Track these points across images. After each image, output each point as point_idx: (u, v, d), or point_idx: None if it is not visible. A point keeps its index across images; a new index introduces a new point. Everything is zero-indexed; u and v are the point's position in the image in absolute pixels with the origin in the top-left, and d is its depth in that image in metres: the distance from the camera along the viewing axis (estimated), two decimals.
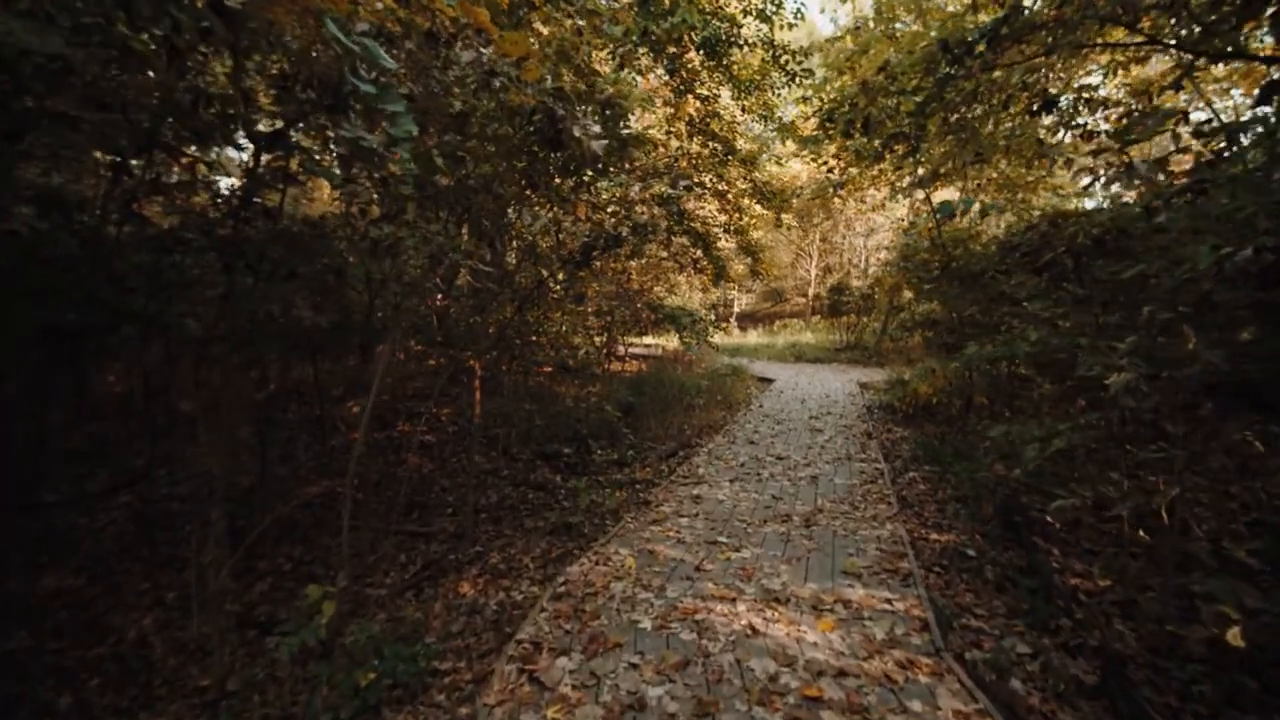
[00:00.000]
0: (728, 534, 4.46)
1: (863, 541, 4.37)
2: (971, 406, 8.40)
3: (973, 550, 4.86)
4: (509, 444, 8.52)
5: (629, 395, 10.20)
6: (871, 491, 5.54)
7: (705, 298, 20.65)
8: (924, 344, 15.25)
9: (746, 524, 4.67)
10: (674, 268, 13.09)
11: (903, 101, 5.90)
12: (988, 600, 4.21)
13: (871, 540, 4.40)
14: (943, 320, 8.08)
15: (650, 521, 4.77)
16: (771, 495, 5.38)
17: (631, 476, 7.40)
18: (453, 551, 5.68)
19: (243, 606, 5.00)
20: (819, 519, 4.79)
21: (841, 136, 6.82)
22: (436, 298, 8.85)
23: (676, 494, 5.51)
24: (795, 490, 5.53)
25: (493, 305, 7.35)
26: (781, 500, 5.26)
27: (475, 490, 6.93)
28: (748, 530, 4.54)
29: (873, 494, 5.48)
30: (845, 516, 4.86)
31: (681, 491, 5.59)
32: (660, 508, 5.09)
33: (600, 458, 8.22)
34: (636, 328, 14.92)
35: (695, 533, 4.50)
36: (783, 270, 26.69)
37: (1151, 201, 2.96)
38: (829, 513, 4.94)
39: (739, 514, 4.91)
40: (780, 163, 14.34)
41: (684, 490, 5.61)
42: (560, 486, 7.29)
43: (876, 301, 17.47)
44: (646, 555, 4.10)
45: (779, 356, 18.29)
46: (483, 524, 6.31)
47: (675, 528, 4.62)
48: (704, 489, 5.61)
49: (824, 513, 4.94)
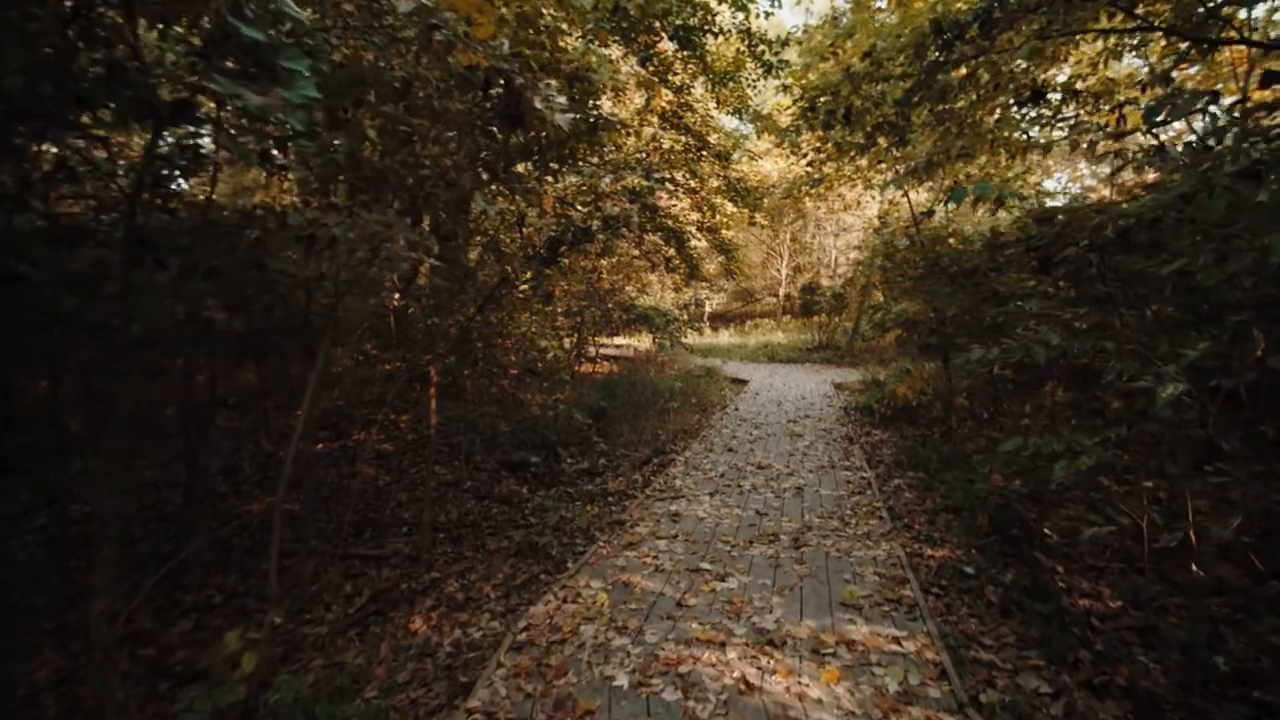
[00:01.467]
0: (711, 558, 3.98)
1: (858, 564, 3.94)
2: (953, 409, 8.10)
3: (971, 568, 4.48)
4: (473, 453, 7.92)
5: (600, 399, 9.69)
6: (861, 504, 5.13)
7: (677, 297, 20.22)
8: (899, 345, 15.08)
9: (731, 546, 4.20)
10: (646, 266, 12.61)
11: (889, 89, 5.51)
12: (994, 627, 3.80)
13: (868, 563, 3.97)
14: (923, 320, 7.74)
15: (625, 545, 4.26)
16: (755, 510, 4.93)
17: (604, 488, 6.90)
18: (406, 578, 5.09)
19: (158, 650, 4.33)
20: (809, 538, 4.35)
21: (822, 128, 6.41)
22: (394, 297, 8.21)
23: (653, 510, 5.02)
24: (780, 504, 5.09)
25: (452, 306, 6.77)
26: (766, 516, 4.81)
27: (433, 506, 6.34)
28: (732, 553, 4.07)
29: (862, 507, 5.07)
30: (836, 534, 4.44)
31: (658, 507, 5.10)
32: (635, 528, 4.59)
33: (570, 467, 7.69)
34: (608, 328, 14.42)
35: (675, 558, 4.01)
36: (753, 270, 26.43)
37: (1193, 189, 2.58)
38: (819, 530, 4.51)
39: (722, 534, 4.44)
40: (755, 158, 13.97)
41: (661, 506, 5.12)
42: (527, 500, 6.74)
43: (848, 301, 17.26)
44: (621, 588, 3.59)
45: (751, 357, 17.96)
46: (441, 544, 5.72)
47: (653, 552, 4.12)
48: (682, 504, 5.13)
49: (813, 530, 4.50)
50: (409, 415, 8.76)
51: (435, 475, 7.50)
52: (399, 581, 5.06)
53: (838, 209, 18.75)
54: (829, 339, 18.21)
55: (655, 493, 5.55)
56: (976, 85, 6.03)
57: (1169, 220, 2.80)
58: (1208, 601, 3.65)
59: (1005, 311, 4.86)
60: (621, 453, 8.23)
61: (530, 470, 7.58)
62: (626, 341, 17.86)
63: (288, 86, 1.90)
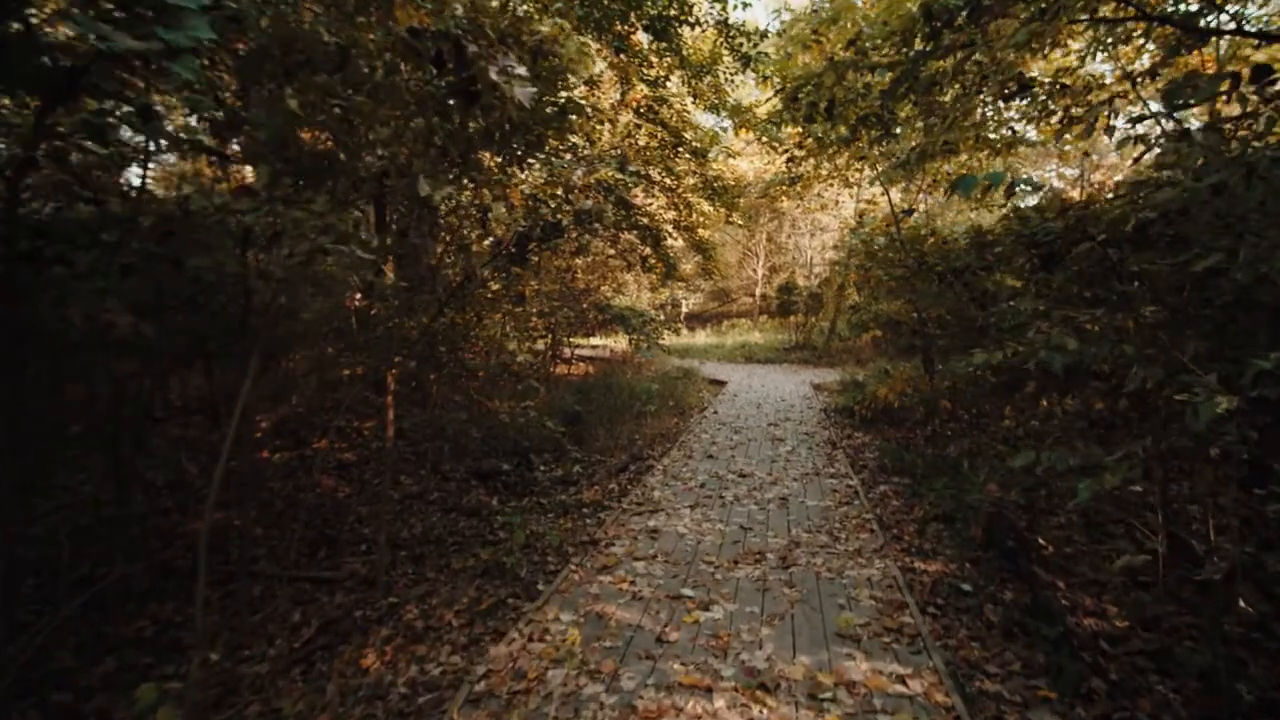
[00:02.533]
0: (693, 582, 3.62)
1: (852, 586, 3.62)
2: (936, 412, 7.87)
3: (968, 585, 4.19)
4: (440, 461, 7.44)
5: (575, 403, 9.28)
6: (849, 516, 4.82)
7: (654, 298, 19.88)
8: (876, 345, 14.93)
9: (714, 567, 3.84)
10: (622, 266, 12.23)
11: (874, 79, 5.22)
12: (997, 652, 3.50)
13: (862, 584, 3.65)
14: (905, 321, 7.50)
15: (599, 568, 3.87)
16: (739, 525, 4.58)
17: (578, 498, 6.50)
18: (361, 604, 4.63)
19: (75, 695, 3.83)
20: (797, 556, 4.01)
21: (804, 121, 6.10)
22: (355, 296, 7.70)
23: (629, 526, 4.64)
24: (765, 517, 4.76)
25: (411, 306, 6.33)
26: (751, 531, 4.47)
27: (395, 521, 5.89)
28: (716, 576, 3.71)
29: (851, 519, 4.76)
30: (826, 551, 4.11)
31: (635, 523, 4.72)
32: (611, 548, 4.20)
33: (543, 475, 7.27)
34: (583, 329, 14.01)
35: (654, 582, 3.64)
36: (729, 270, 26.22)
37: (1224, 176, 2.29)
38: (807, 547, 4.18)
39: (704, 553, 4.08)
40: (732, 155, 13.68)
41: (638, 521, 4.74)
42: (496, 511, 6.31)
43: (825, 301, 17.10)
44: (595, 621, 3.21)
45: (729, 357, 17.69)
46: (401, 564, 5.27)
47: (629, 576, 3.74)
48: (661, 519, 4.76)
49: (801, 547, 4.17)
50: (373, 422, 8.25)
51: (399, 486, 7.03)
52: (353, 608, 4.60)
53: (814, 208, 18.59)
54: (806, 339, 18.04)
55: (632, 505, 5.18)
56: (963, 77, 5.78)
57: (1198, 212, 2.52)
58: (1222, 621, 3.40)
59: (998, 312, 4.59)
60: (597, 459, 7.85)
61: (501, 479, 7.14)
62: (603, 342, 17.47)
63: (173, 26, 1.49)
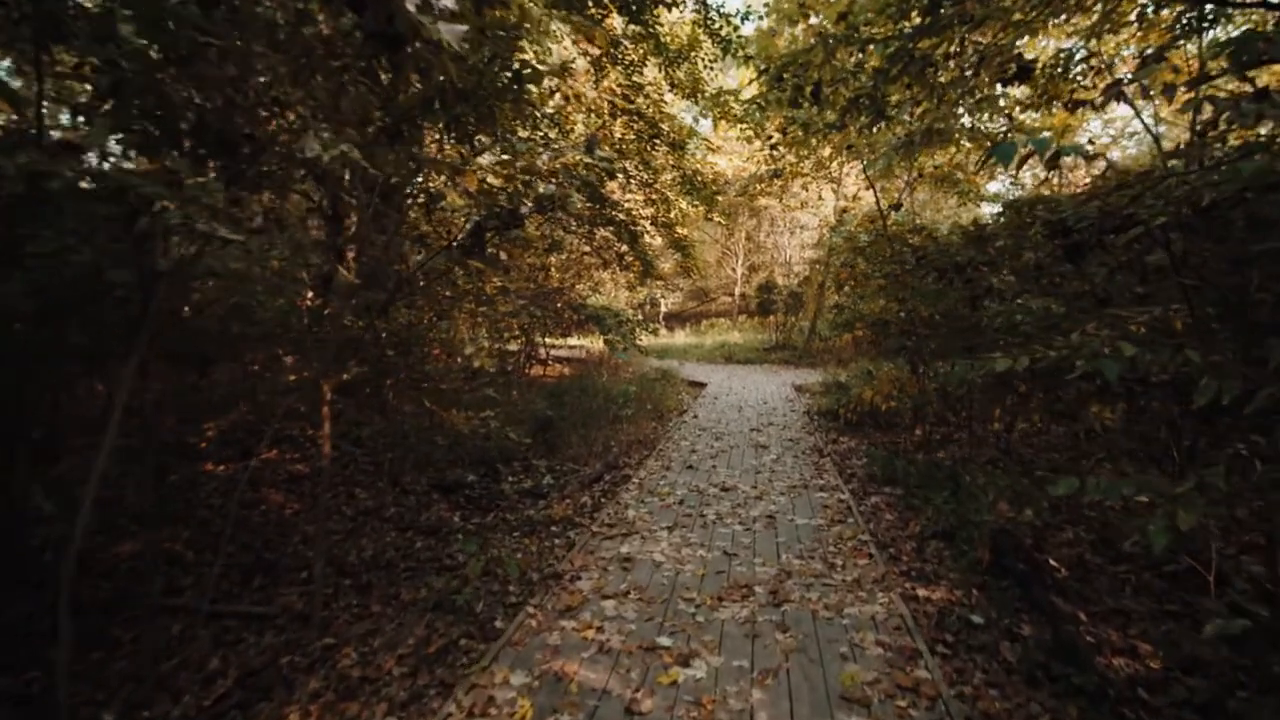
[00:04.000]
0: (671, 627, 3.06)
1: (854, 628, 3.09)
2: (925, 416, 7.43)
3: (979, 616, 3.69)
4: (401, 472, 6.78)
5: (547, 407, 8.67)
6: (844, 537, 4.30)
7: (632, 297, 19.30)
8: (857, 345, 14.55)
9: (695, 606, 3.29)
10: (598, 263, 11.63)
11: (868, 55, 4.72)
12: (1021, 702, 2.99)
13: (865, 624, 3.12)
14: (893, 320, 7.04)
15: (562, 610, 3.28)
16: (722, 550, 4.03)
17: (547, 513, 5.92)
18: (292, 647, 3.97)
19: None
20: (789, 589, 3.48)
21: (789, 105, 5.58)
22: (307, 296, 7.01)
23: (600, 554, 4.06)
24: (751, 540, 4.22)
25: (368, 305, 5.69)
26: (736, 558, 3.92)
27: (332, 549, 5.23)
28: (698, 618, 3.16)
29: (846, 540, 4.24)
30: (822, 583, 3.58)
31: (607, 549, 4.14)
32: (577, 582, 3.62)
33: (511, 487, 6.65)
34: (559, 328, 13.38)
35: (625, 627, 3.07)
36: (708, 269, 25.75)
37: None
38: (800, 577, 3.64)
39: (684, 586, 3.52)
40: (712, 148, 13.15)
41: (609, 548, 4.16)
42: (457, 530, 5.69)
43: (805, 300, 16.69)
44: (551, 685, 2.62)
45: (708, 357, 17.19)
46: (344, 595, 4.62)
47: (597, 619, 3.17)
48: (635, 544, 4.19)
49: (793, 577, 3.63)
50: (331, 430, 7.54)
51: (354, 501, 6.37)
52: (282, 652, 3.94)
53: (794, 206, 18.17)
54: (786, 339, 17.61)
55: (604, 527, 4.60)
56: (960, 58, 5.30)
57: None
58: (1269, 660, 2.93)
59: (1006, 311, 4.11)
60: (570, 468, 7.26)
61: (465, 493, 6.52)
62: (581, 342, 16.85)
63: None
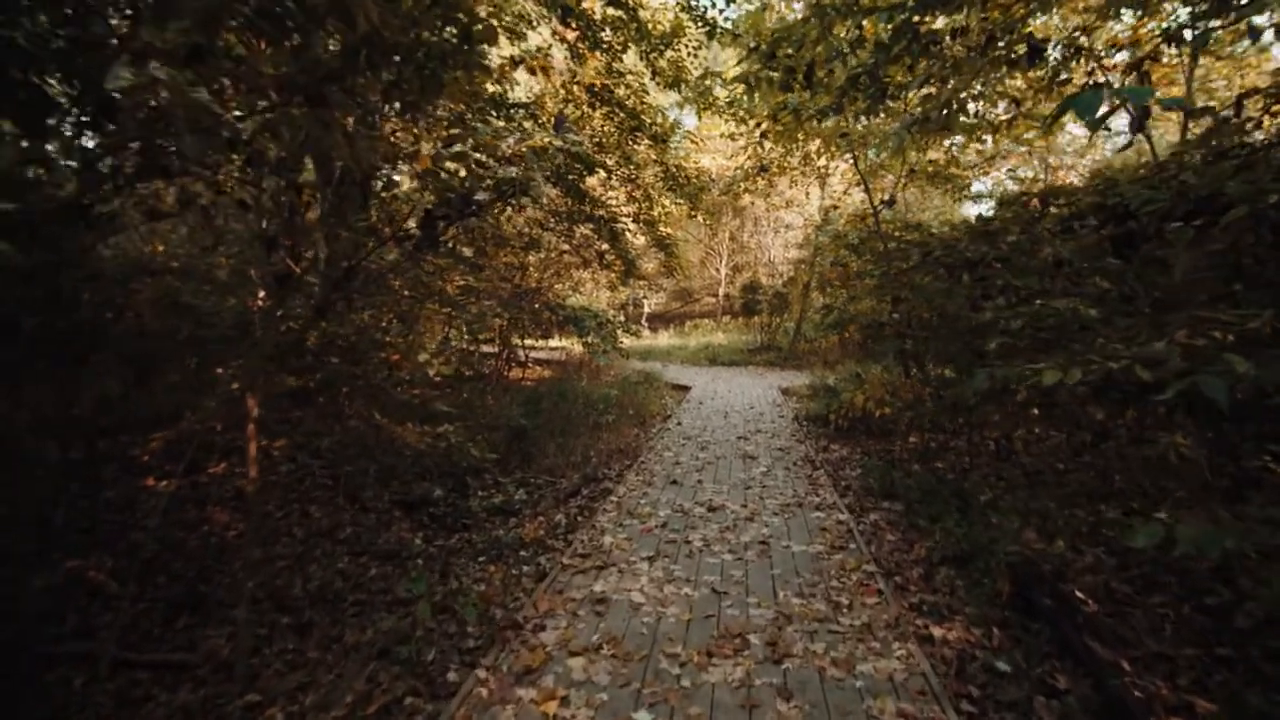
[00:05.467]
0: (651, 695, 2.49)
1: (870, 692, 2.54)
2: (922, 425, 6.95)
3: (1006, 663, 3.17)
4: (361, 487, 6.14)
5: (522, 415, 8.06)
6: (847, 568, 3.76)
7: (614, 297, 18.71)
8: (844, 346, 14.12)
9: (679, 664, 2.72)
10: (577, 262, 11.03)
11: (869, 26, 4.20)
12: None
13: (883, 688, 2.57)
14: (887, 322, 6.54)
15: (520, 673, 2.69)
16: (710, 587, 3.47)
17: (518, 533, 5.34)
18: (208, 708, 3.35)
19: None
20: (790, 639, 2.93)
21: (780, 89, 5.04)
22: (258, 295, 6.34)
23: (570, 593, 3.47)
24: (743, 573, 3.66)
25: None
26: (727, 596, 3.36)
27: (274, 577, 4.60)
28: (683, 681, 2.59)
29: (850, 571, 3.71)
30: (827, 629, 3.03)
31: (578, 587, 3.55)
32: (541, 633, 3.03)
33: (480, 503, 6.04)
34: (538, 330, 12.76)
35: (595, 697, 2.49)
36: (692, 269, 25.25)
37: None
38: (801, 622, 3.10)
39: (666, 637, 2.95)
40: (695, 141, 12.60)
41: (581, 585, 3.57)
42: (418, 553, 5.09)
43: (791, 301, 16.23)
44: None
45: (692, 359, 16.65)
46: (280, 636, 3.99)
47: (561, 685, 2.58)
48: (611, 579, 3.61)
49: (794, 622, 3.08)
50: (283, 441, 6.86)
51: (307, 521, 5.72)
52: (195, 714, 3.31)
53: (779, 205, 17.71)
54: (771, 340, 17.14)
55: (576, 558, 4.01)
56: (967, 38, 4.81)
57: None
58: None
59: (1029, 313, 3.60)
60: (545, 480, 6.68)
61: (429, 510, 5.89)
62: (563, 344, 16.24)
63: None
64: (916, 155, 8.43)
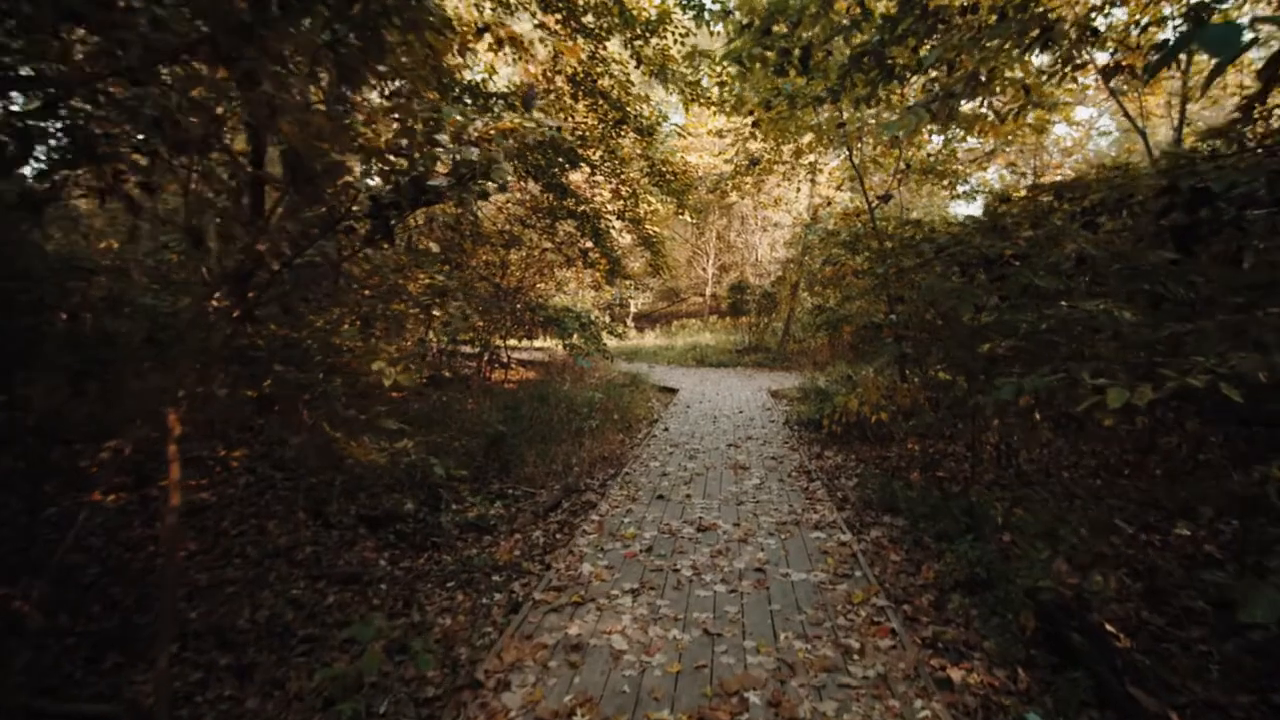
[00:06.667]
0: None
1: None
2: (917, 429, 6.55)
3: (1037, 715, 2.76)
4: (326, 500, 5.61)
5: (501, 421, 7.57)
6: (854, 600, 3.33)
7: (599, 296, 18.22)
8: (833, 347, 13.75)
9: None
10: (560, 260, 10.54)
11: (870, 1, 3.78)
12: None
13: None
14: (886, 323, 6.14)
15: None
16: (702, 627, 3.02)
17: (491, 552, 4.88)
18: None
19: None
20: (795, 696, 2.48)
21: (774, 73, 4.60)
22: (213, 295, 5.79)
23: (540, 637, 2.99)
24: (739, 609, 3.21)
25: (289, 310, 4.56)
26: (720, 640, 2.91)
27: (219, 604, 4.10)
28: None
29: (857, 606, 3.27)
30: (836, 681, 2.59)
31: (550, 629, 3.08)
32: (504, 693, 2.55)
33: (453, 518, 5.55)
34: (520, 330, 12.26)
35: None
36: (679, 269, 24.82)
37: None
38: (806, 672, 2.65)
39: (650, 698, 2.49)
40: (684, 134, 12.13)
41: (554, 626, 3.10)
42: (381, 577, 4.60)
43: (779, 300, 15.85)
44: None
45: (679, 360, 16.21)
46: (217, 681, 3.49)
47: None
48: (589, 619, 3.14)
49: (798, 674, 2.64)
50: (243, 450, 6.30)
51: (264, 538, 5.19)
52: None
53: (767, 204, 17.32)
54: (759, 340, 16.74)
55: (551, 590, 3.54)
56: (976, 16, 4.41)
57: None
58: None
59: (1058, 317, 3.20)
60: (525, 491, 6.21)
61: (397, 527, 5.39)
62: (547, 344, 15.73)
63: None
64: (913, 151, 8.05)
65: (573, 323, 7.99)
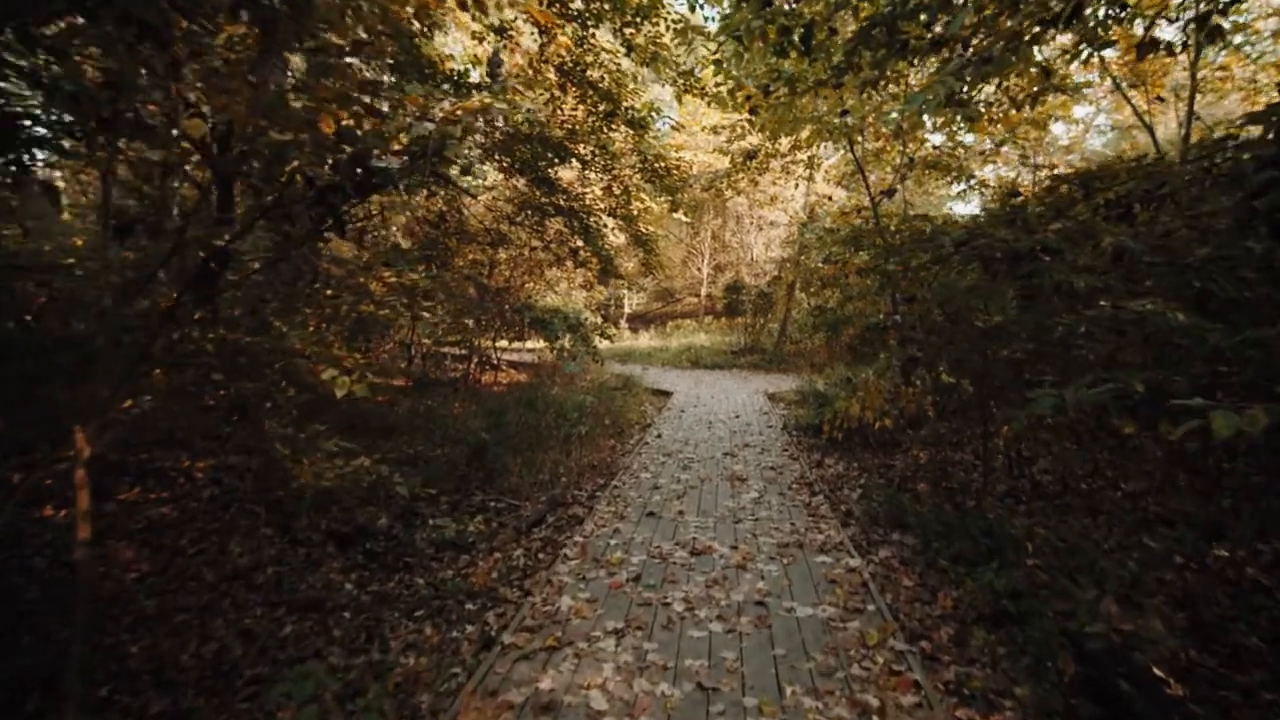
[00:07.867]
0: None
1: None
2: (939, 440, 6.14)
3: None
4: (294, 515, 5.14)
5: (484, 428, 7.12)
6: (869, 642, 2.89)
7: (591, 297, 17.76)
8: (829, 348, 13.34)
9: None
10: (550, 260, 10.09)
11: None
12: None
13: None
14: (892, 325, 5.72)
15: None
16: (695, 680, 2.58)
17: (466, 575, 4.45)
18: None
19: None
20: None
21: (773, 55, 4.17)
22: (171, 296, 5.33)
23: (508, 692, 2.54)
24: (737, 655, 2.78)
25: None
26: (717, 696, 2.47)
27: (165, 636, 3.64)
28: None
29: (873, 650, 2.84)
30: None
31: (519, 681, 2.63)
32: None
33: (429, 535, 5.10)
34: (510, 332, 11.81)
35: None
36: (673, 269, 24.39)
37: None
38: None
39: None
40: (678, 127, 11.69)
41: (524, 678, 2.65)
42: (345, 604, 4.15)
43: (775, 301, 15.43)
44: None
45: (674, 361, 15.77)
46: None
47: None
48: (564, 669, 2.70)
49: None
50: (209, 461, 5.82)
51: (224, 559, 4.73)
52: None
53: (762, 203, 16.91)
54: (755, 341, 16.32)
55: (524, 632, 3.09)
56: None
57: None
58: None
59: (1091, 319, 2.78)
60: (508, 503, 5.76)
61: (366, 545, 4.94)
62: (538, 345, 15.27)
63: None
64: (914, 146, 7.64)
65: (560, 325, 7.54)
